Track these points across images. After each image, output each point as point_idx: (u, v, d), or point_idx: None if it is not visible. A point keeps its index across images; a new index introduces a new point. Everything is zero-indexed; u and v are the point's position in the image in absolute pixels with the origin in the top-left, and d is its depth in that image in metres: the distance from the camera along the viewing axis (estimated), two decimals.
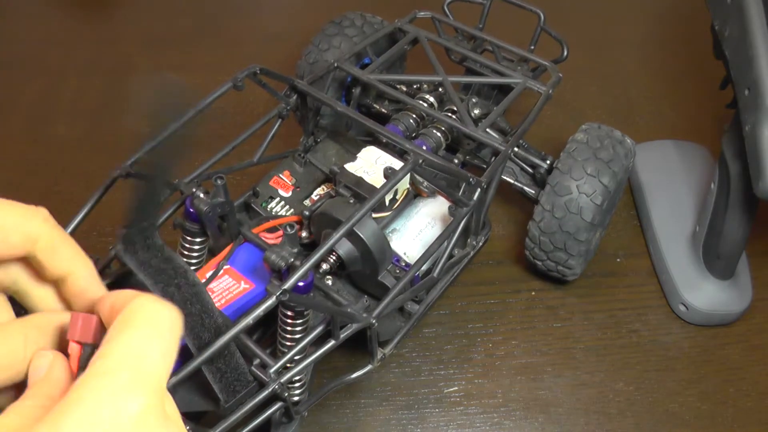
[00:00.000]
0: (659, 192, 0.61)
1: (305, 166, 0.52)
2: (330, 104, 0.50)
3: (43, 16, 0.81)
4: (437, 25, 0.61)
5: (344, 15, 0.60)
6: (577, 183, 0.50)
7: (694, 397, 0.52)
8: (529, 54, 0.57)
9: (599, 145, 0.52)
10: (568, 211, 0.50)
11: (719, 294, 0.55)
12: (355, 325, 0.40)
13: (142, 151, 0.41)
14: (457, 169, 0.48)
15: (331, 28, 0.59)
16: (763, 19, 0.47)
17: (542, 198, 0.51)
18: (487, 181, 0.48)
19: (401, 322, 0.46)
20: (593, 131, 0.53)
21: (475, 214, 0.48)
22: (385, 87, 0.53)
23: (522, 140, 0.55)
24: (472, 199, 0.47)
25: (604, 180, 0.50)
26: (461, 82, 0.59)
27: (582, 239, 0.51)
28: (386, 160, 0.48)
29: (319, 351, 0.39)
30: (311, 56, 0.59)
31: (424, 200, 0.49)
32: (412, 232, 0.48)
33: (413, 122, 0.54)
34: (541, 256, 0.53)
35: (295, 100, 0.51)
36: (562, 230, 0.51)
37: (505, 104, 0.53)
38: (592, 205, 0.50)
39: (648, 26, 0.83)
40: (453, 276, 0.50)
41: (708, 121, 0.68)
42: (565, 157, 0.52)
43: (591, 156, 0.51)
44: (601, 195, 0.50)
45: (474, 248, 0.51)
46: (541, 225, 0.51)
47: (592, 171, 0.50)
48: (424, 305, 0.47)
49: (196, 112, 0.43)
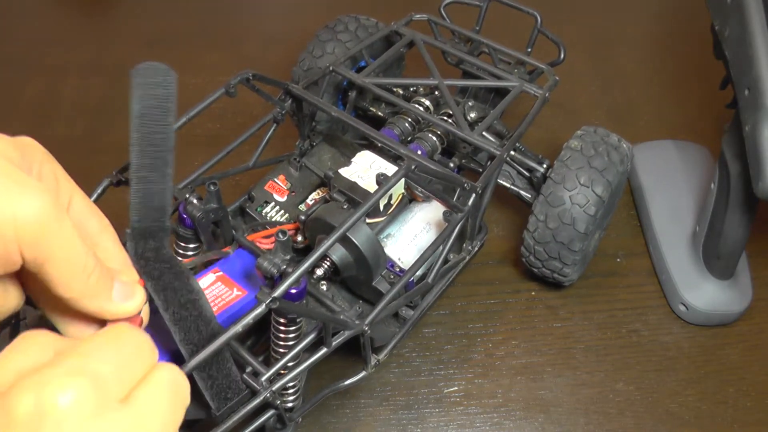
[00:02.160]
0: (659, 192, 0.61)
1: (300, 171, 0.51)
2: (325, 109, 0.50)
3: (44, 16, 0.81)
4: (433, 27, 0.61)
5: (338, 19, 0.60)
6: (570, 194, 0.50)
7: (694, 397, 0.52)
8: (526, 57, 0.57)
9: (593, 152, 0.51)
10: (561, 222, 0.50)
11: (719, 294, 0.55)
12: (348, 332, 0.40)
13: (132, 156, 0.39)
14: (452, 175, 0.47)
15: (325, 34, 0.59)
16: (763, 19, 0.46)
17: (536, 208, 0.51)
18: (482, 186, 0.47)
19: (396, 328, 0.46)
20: (588, 137, 0.52)
21: (470, 219, 0.48)
22: (381, 91, 0.53)
23: (519, 143, 0.54)
24: (467, 204, 0.46)
25: (597, 190, 0.50)
26: (457, 85, 0.58)
27: (576, 249, 0.50)
28: (380, 164, 0.48)
29: (312, 358, 0.39)
30: (305, 63, 0.58)
31: (419, 205, 0.49)
32: (406, 237, 0.48)
33: (409, 126, 0.54)
34: (537, 264, 0.53)
35: (291, 104, 0.51)
36: (556, 240, 0.50)
37: (501, 108, 0.53)
38: (585, 216, 0.49)
39: (648, 26, 0.83)
40: (448, 281, 0.50)
41: (708, 121, 0.68)
42: (558, 166, 0.51)
43: (585, 165, 0.50)
44: (595, 205, 0.50)
45: (470, 253, 0.51)
46: (535, 235, 0.51)
47: (585, 181, 0.50)
48: (419, 311, 0.46)
49: (188, 119, 0.43)
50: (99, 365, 0.23)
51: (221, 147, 0.48)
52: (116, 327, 0.26)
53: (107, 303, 0.29)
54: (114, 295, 0.29)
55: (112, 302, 0.29)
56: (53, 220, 0.25)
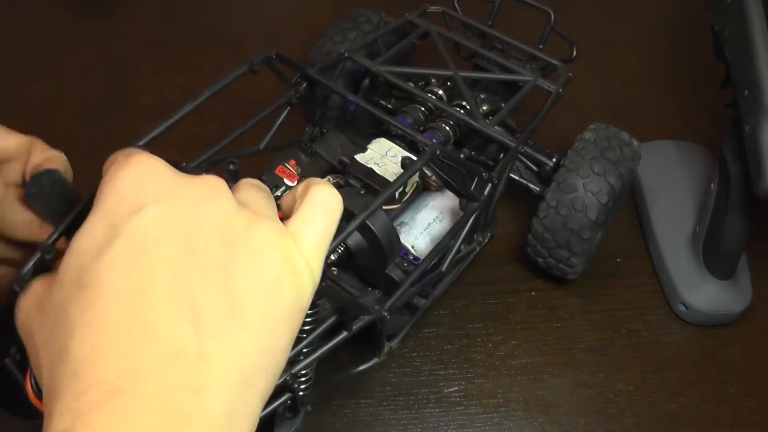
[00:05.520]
0: (659, 192, 0.61)
1: (311, 156, 0.51)
2: (341, 93, 0.50)
3: (44, 17, 0.81)
4: (447, 20, 0.61)
5: (360, 12, 0.61)
6: (583, 181, 0.50)
7: (694, 397, 0.52)
8: (539, 52, 0.58)
9: (607, 145, 0.52)
10: (573, 209, 0.50)
11: (719, 294, 0.55)
12: (367, 317, 0.40)
13: (154, 133, 0.39)
14: (471, 164, 0.48)
15: (347, 23, 0.59)
16: (763, 19, 0.46)
17: (548, 195, 0.51)
18: (498, 176, 0.48)
19: (407, 316, 0.46)
20: (602, 131, 0.53)
21: (484, 209, 0.48)
22: (395, 78, 0.53)
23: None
24: (483, 194, 0.47)
25: (610, 179, 0.50)
26: (473, 77, 0.59)
27: (585, 237, 0.51)
28: (397, 151, 0.48)
29: (331, 343, 0.39)
30: (325, 47, 0.59)
31: (432, 194, 0.50)
32: (420, 225, 0.48)
33: (422, 115, 0.54)
34: (543, 253, 0.53)
35: (305, 88, 0.51)
36: (566, 227, 0.51)
37: (515, 101, 0.53)
38: (597, 204, 0.50)
39: (648, 26, 0.83)
40: (459, 271, 0.50)
41: (708, 121, 0.68)
42: (572, 154, 0.52)
43: (598, 155, 0.51)
44: (607, 194, 0.50)
45: (480, 244, 0.51)
46: (545, 221, 0.51)
47: (599, 170, 0.50)
48: (431, 299, 0.47)
49: (212, 93, 0.42)
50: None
51: (229, 132, 0.47)
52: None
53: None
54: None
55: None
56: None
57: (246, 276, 0.26)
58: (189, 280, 0.25)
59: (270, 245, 0.27)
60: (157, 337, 0.23)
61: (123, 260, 0.24)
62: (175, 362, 0.23)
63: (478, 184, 0.48)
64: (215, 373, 0.24)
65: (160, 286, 0.24)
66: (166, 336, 0.23)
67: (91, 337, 0.23)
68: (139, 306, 0.24)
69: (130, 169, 0.27)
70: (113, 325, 0.23)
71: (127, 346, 0.23)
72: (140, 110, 0.68)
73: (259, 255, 0.27)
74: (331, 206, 0.31)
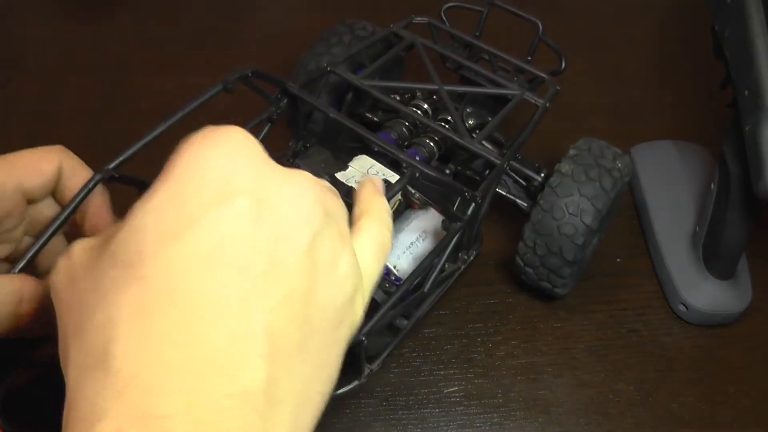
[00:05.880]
0: (659, 192, 0.61)
1: None
2: (322, 109, 0.49)
3: (43, 16, 0.81)
4: (434, 31, 0.60)
5: (346, 22, 0.59)
6: (557, 224, 0.49)
7: (694, 397, 0.52)
8: (526, 65, 0.56)
9: (584, 178, 0.49)
10: (549, 251, 0.50)
11: (719, 294, 0.55)
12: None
13: (129, 152, 0.39)
14: (453, 183, 0.47)
15: (332, 37, 0.58)
16: (763, 19, 0.46)
17: (525, 233, 0.51)
18: (482, 196, 0.47)
19: (388, 338, 0.45)
20: (581, 158, 0.51)
21: (468, 228, 0.47)
22: (378, 93, 0.52)
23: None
24: (466, 213, 0.46)
25: (586, 220, 0.49)
26: (458, 91, 0.57)
27: (564, 275, 0.51)
28: (379, 169, 0.47)
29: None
30: (311, 63, 0.57)
31: (415, 212, 0.49)
32: (402, 245, 0.47)
33: (406, 130, 0.53)
34: (528, 284, 0.54)
35: (286, 103, 0.50)
36: (544, 266, 0.51)
37: (502, 116, 0.52)
38: (572, 246, 0.49)
39: (648, 26, 0.82)
40: (442, 291, 0.49)
41: (708, 121, 0.68)
42: (548, 192, 0.50)
43: (575, 191, 0.49)
44: (583, 235, 0.49)
45: (465, 262, 0.50)
46: (525, 258, 0.51)
47: (574, 210, 0.49)
48: (413, 320, 0.46)
49: (183, 115, 0.41)
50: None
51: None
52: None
53: None
54: None
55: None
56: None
57: (321, 306, 0.23)
58: (268, 301, 0.21)
59: (349, 279, 0.24)
60: (225, 371, 0.19)
61: (194, 260, 0.20)
62: (242, 407, 0.19)
63: (461, 203, 0.47)
64: (285, 423, 0.20)
65: (235, 302, 0.20)
66: (235, 371, 0.20)
67: (141, 353, 0.19)
68: (206, 325, 0.20)
69: (223, 144, 0.22)
70: (171, 345, 0.19)
71: (185, 376, 0.19)
72: (140, 110, 0.68)
73: (338, 285, 0.24)
74: (386, 248, 0.29)
